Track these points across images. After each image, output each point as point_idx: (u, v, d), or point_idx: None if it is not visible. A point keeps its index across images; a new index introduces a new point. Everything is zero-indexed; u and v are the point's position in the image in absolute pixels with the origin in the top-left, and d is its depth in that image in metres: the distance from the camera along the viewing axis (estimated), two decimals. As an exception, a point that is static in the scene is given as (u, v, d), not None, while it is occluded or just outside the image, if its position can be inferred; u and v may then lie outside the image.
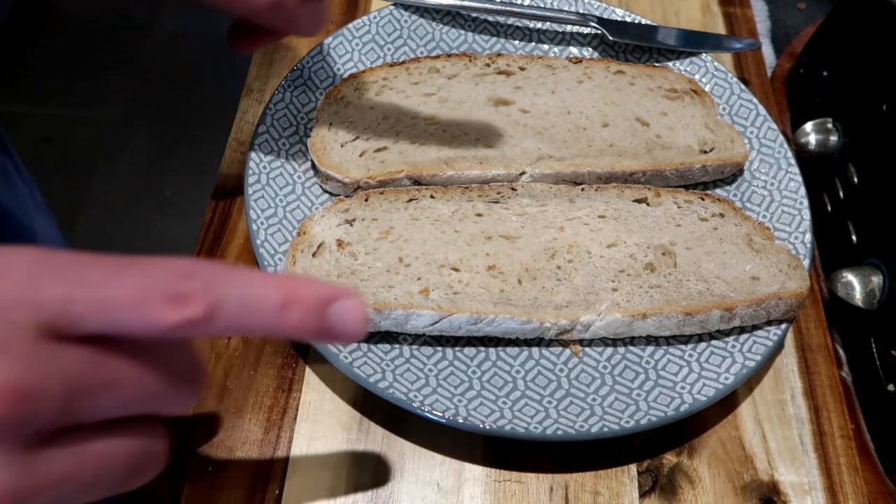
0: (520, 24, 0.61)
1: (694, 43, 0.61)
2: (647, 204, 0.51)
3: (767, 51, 0.68)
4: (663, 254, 0.48)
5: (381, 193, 0.50)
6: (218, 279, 0.26)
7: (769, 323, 0.47)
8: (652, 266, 0.48)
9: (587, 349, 0.46)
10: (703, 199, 0.51)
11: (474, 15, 0.61)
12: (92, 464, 0.26)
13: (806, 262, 0.49)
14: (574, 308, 0.45)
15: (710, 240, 0.49)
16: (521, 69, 0.57)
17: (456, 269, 0.46)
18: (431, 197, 0.50)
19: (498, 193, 0.50)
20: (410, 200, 0.50)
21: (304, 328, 0.28)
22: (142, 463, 0.28)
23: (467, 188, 0.51)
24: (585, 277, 0.47)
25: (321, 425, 0.44)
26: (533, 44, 0.61)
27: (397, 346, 0.45)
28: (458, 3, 0.59)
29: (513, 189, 0.51)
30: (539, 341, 0.46)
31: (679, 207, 0.51)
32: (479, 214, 0.49)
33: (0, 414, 0.23)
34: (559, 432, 0.42)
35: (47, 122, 1.71)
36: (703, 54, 0.60)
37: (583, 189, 0.51)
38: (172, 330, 0.25)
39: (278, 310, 0.27)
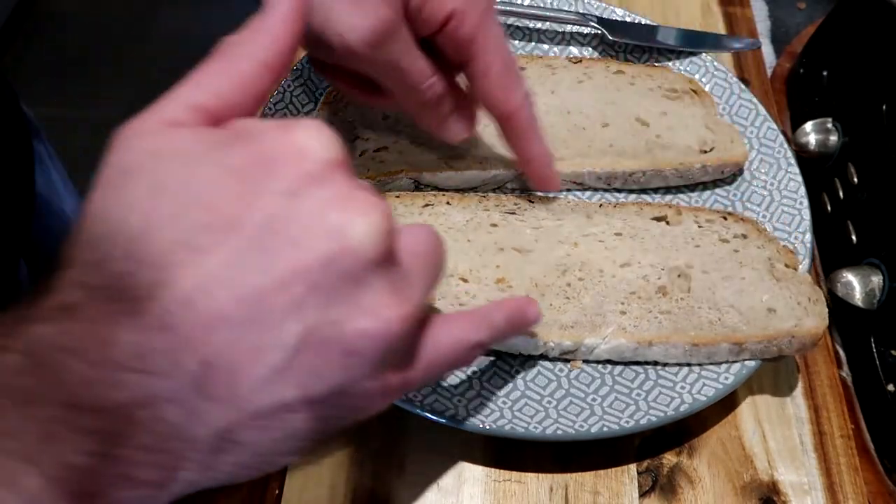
0: (520, 24, 0.61)
1: (694, 43, 0.61)
2: (667, 222, 0.49)
3: (767, 51, 0.68)
4: (678, 276, 0.47)
5: (397, 197, 0.49)
6: None
7: (769, 323, 0.47)
8: (664, 290, 0.46)
9: (587, 349, 0.46)
10: (725, 219, 0.49)
11: (474, 15, 0.61)
12: None
13: (806, 262, 0.49)
14: (579, 329, 0.44)
15: (729, 263, 0.47)
16: (521, 69, 0.57)
17: (464, 280, 0.46)
18: (447, 203, 0.49)
19: (515, 204, 0.50)
20: (426, 206, 0.49)
21: None
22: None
23: (484, 197, 0.50)
24: (594, 297, 0.45)
25: (321, 425, 0.44)
26: (533, 44, 0.61)
27: (397, 346, 0.45)
28: (458, 2, 0.59)
29: (530, 201, 0.50)
30: (539, 343, 0.46)
31: (700, 227, 0.49)
32: (493, 224, 0.48)
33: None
34: (559, 432, 0.42)
35: (46, 122, 1.71)
36: (703, 54, 0.59)
37: (601, 205, 0.50)
38: None
39: None
